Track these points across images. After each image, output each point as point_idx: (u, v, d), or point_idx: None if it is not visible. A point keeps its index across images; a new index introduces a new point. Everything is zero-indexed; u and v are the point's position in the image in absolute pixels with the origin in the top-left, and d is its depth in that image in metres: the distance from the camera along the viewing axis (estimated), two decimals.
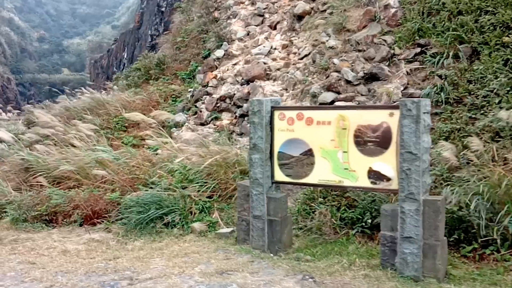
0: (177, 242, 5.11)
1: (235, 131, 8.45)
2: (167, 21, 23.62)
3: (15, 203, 5.87)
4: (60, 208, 5.65)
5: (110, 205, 5.76)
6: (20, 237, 5.17)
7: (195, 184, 6.18)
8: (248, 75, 9.17)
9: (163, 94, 10.78)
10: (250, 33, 11.10)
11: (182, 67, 12.01)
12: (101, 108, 10.63)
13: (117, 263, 4.46)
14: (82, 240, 5.11)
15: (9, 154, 7.40)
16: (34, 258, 4.63)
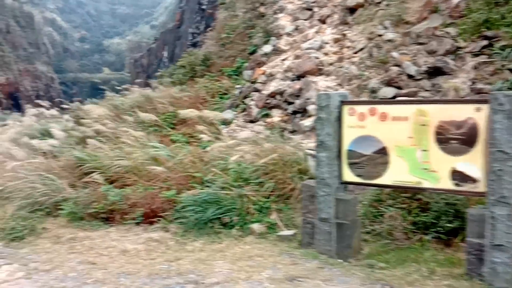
0: (237, 244, 4.85)
1: (287, 128, 8.15)
2: (208, 19, 23.56)
3: (71, 200, 5.78)
4: (117, 206, 5.51)
5: (166, 203, 5.57)
6: (78, 236, 5.05)
7: (251, 183, 5.93)
8: (299, 70, 8.84)
9: (210, 91, 10.60)
10: (298, 27, 10.76)
11: (228, 64, 11.81)
12: (149, 105, 10.57)
13: (179, 265, 4.24)
14: (140, 240, 4.93)
15: (62, 151, 7.36)
16: (94, 258, 4.49)
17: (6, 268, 4.30)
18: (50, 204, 5.87)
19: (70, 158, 6.85)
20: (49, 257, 4.57)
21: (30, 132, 10.16)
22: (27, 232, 5.26)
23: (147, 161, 6.53)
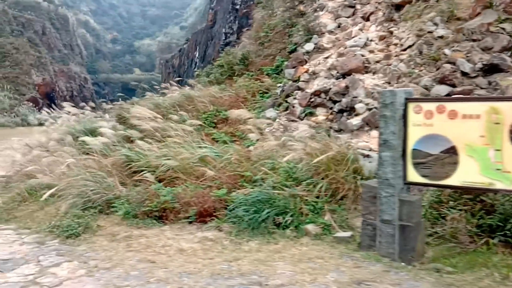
0: (294, 245, 4.74)
1: (333, 127, 7.98)
2: (241, 19, 23.58)
3: (123, 199, 5.79)
4: (169, 205, 5.48)
5: (217, 202, 5.50)
6: (134, 234, 5.04)
7: (302, 182, 5.81)
8: (344, 68, 8.65)
9: (250, 90, 10.52)
10: (341, 25, 10.58)
11: (267, 63, 11.72)
12: (189, 104, 10.58)
13: (239, 265, 4.16)
14: (195, 239, 4.88)
15: (110, 149, 7.41)
16: (152, 256, 4.46)
17: (66, 266, 4.31)
18: (102, 202, 5.88)
19: (119, 157, 6.87)
20: (108, 255, 4.56)
21: (73, 131, 10.29)
22: (82, 230, 5.29)
23: (195, 161, 6.48)
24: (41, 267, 4.30)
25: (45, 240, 5.21)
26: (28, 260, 4.55)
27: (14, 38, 42.08)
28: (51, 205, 6.47)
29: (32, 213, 6.42)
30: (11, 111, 32.69)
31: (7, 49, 39.23)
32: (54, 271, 4.20)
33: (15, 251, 4.85)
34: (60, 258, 4.52)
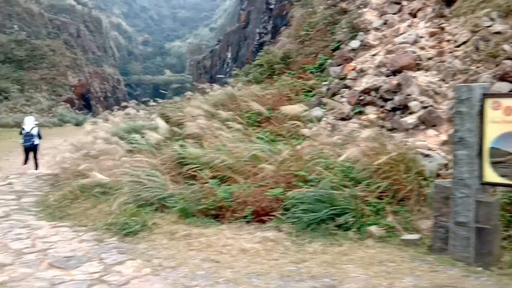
0: (359, 247, 4.55)
1: (385, 126, 7.72)
2: (276, 18, 23.47)
3: (178, 197, 5.72)
4: (225, 203, 5.38)
5: (274, 202, 5.37)
6: (193, 232, 4.95)
7: (360, 183, 5.61)
8: (394, 66, 8.39)
9: (293, 89, 10.35)
10: (387, 22, 10.29)
11: (309, 61, 11.53)
12: (232, 103, 10.51)
13: (308, 267, 4.01)
14: (255, 239, 4.75)
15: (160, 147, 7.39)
16: (215, 256, 4.35)
17: (130, 264, 4.25)
18: (156, 200, 5.83)
19: (170, 155, 6.82)
20: (170, 253, 4.48)
21: (118, 130, 10.39)
22: (139, 228, 5.24)
23: (247, 159, 6.36)
24: (105, 265, 4.26)
25: (103, 238, 5.19)
26: (91, 257, 4.52)
27: (51, 40, 43.24)
28: (104, 203, 6.48)
29: (85, 211, 6.44)
30: (48, 112, 33.54)
31: (44, 51, 40.30)
32: (118, 269, 4.14)
33: (76, 249, 4.84)
34: (122, 256, 4.47)
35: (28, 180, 10.13)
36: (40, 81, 37.17)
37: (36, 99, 34.14)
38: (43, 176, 10.62)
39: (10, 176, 10.57)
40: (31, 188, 9.06)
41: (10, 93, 34.06)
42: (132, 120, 11.36)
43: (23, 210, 7.12)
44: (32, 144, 10.95)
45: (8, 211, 6.96)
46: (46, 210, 7.06)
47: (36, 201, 7.81)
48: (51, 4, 56.95)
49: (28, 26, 44.29)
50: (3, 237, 5.40)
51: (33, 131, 11.06)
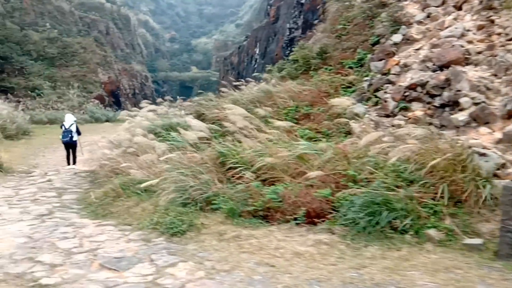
0: (419, 252, 4.31)
1: (433, 123, 7.40)
2: (307, 13, 23.14)
3: (224, 196, 5.58)
4: (274, 204, 5.20)
5: (323, 203, 5.16)
6: (242, 233, 4.80)
7: (414, 184, 5.34)
8: (441, 60, 8.03)
9: (332, 84, 10.09)
10: (431, 15, 9.88)
11: (347, 56, 11.22)
12: (268, 100, 10.32)
13: (369, 273, 3.80)
14: (308, 242, 4.56)
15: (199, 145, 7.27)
16: (269, 259, 4.19)
17: (183, 266, 4.13)
18: (202, 199, 5.69)
19: (210, 153, 6.69)
20: (221, 255, 4.34)
21: (154, 127, 10.33)
22: (186, 228, 5.12)
23: (293, 158, 6.17)
24: (157, 267, 4.15)
25: (150, 238, 5.09)
26: (141, 258, 4.42)
27: (82, 37, 43.91)
28: (147, 201, 6.40)
29: (128, 209, 6.38)
30: (79, 108, 34.07)
31: (75, 49, 40.97)
32: (171, 271, 4.02)
33: (124, 249, 4.75)
34: (173, 258, 4.36)
35: (66, 177, 10.20)
36: (71, 78, 37.80)
37: (67, 96, 34.71)
38: (81, 172, 10.69)
39: (49, 172, 10.67)
40: (70, 185, 9.11)
41: (43, 90, 34.76)
42: (166, 117, 11.30)
43: (65, 207, 7.13)
44: (71, 140, 11.37)
45: (51, 208, 6.97)
46: (88, 207, 7.05)
47: (77, 199, 7.82)
48: (81, 2, 57.87)
49: (59, 24, 45.11)
50: (49, 235, 5.38)
51: (72, 128, 11.50)
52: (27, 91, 34.05)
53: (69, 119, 11.72)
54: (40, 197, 7.77)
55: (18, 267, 4.27)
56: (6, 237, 5.35)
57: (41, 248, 4.88)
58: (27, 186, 8.75)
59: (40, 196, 7.90)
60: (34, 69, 36.54)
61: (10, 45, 36.03)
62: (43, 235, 5.38)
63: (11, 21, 38.96)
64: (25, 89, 34.33)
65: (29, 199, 7.65)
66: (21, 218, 6.33)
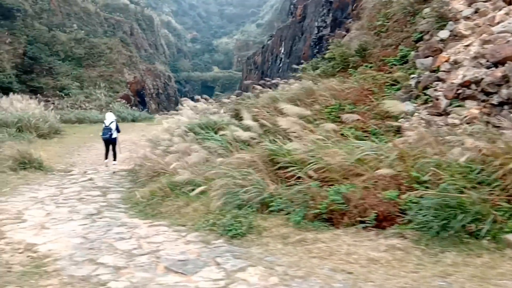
0: (502, 259, 4.03)
1: (491, 122, 7.06)
2: (335, 11, 22.80)
3: (281, 198, 5.37)
4: (338, 207, 4.96)
5: (390, 205, 4.90)
6: (308, 237, 4.59)
7: (484, 185, 5.05)
8: (495, 57, 7.66)
9: (376, 82, 9.80)
10: (479, 10, 9.50)
11: (389, 53, 10.90)
12: (309, 98, 10.09)
13: (457, 282, 3.55)
14: (380, 247, 4.32)
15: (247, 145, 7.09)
16: (343, 265, 3.97)
17: (253, 271, 3.94)
18: (258, 200, 5.50)
19: (261, 152, 6.49)
20: (291, 260, 4.14)
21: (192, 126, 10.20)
22: (246, 230, 4.93)
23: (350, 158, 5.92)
24: (225, 271, 3.97)
25: (209, 239, 4.93)
26: (206, 261, 4.24)
27: (108, 38, 44.34)
28: (197, 201, 6.24)
29: (179, 209, 6.24)
30: (106, 108, 34.36)
31: (101, 49, 41.37)
32: (242, 276, 3.84)
33: (185, 251, 4.59)
34: (240, 262, 4.17)
35: (106, 175, 10.16)
36: (98, 78, 38.17)
37: (95, 96, 35.05)
38: (119, 171, 10.65)
39: (88, 171, 10.66)
40: (112, 184, 9.04)
41: (71, 90, 35.18)
42: (206, 115, 11.16)
43: (112, 206, 7.04)
44: (110, 137, 11.63)
45: (98, 207, 6.89)
46: (136, 207, 6.94)
47: (122, 198, 7.74)
48: (106, 4, 58.51)
49: (85, 25, 45.64)
50: (105, 236, 5.26)
51: (112, 125, 11.72)
52: (56, 91, 34.50)
53: (109, 117, 11.99)
54: (85, 196, 7.71)
55: (81, 270, 4.14)
56: (61, 238, 5.26)
57: (99, 249, 4.76)
58: (70, 185, 8.71)
59: (85, 195, 7.84)
60: (62, 69, 37.02)
61: (39, 45, 36.59)
62: (98, 236, 5.27)
63: (39, 22, 39.58)
64: (53, 89, 34.79)
65: (75, 198, 7.59)
66: (71, 217, 6.25)
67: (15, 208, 6.77)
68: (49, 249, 4.83)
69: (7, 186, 8.38)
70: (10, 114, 17.97)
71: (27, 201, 7.26)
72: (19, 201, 7.24)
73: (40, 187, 8.50)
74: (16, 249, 4.90)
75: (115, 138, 11.77)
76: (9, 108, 19.28)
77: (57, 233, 5.45)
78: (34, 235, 5.39)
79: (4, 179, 8.93)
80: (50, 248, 4.86)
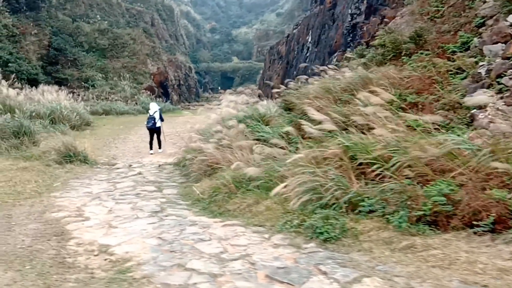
0: None
1: None
2: None
3: (371, 197, 4.89)
4: (444, 208, 4.46)
5: (501, 206, 4.39)
6: (416, 243, 4.11)
7: None
8: None
9: (440, 70, 9.19)
10: None
11: (448, 39, 10.26)
12: (365, 87, 9.54)
13: None
14: (502, 254, 3.82)
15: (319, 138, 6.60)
16: (471, 276, 3.49)
17: (370, 283, 3.48)
18: (345, 200, 5.02)
19: (338, 147, 6.00)
20: (408, 270, 3.67)
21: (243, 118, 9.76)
22: (339, 233, 4.48)
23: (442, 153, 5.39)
24: (338, 283, 3.52)
25: (298, 243, 4.49)
26: (309, 270, 3.80)
27: (131, 29, 44.11)
28: (268, 199, 5.80)
29: (249, 208, 5.81)
30: (132, 99, 34.21)
31: (125, 40, 41.14)
32: None
33: (278, 256, 4.16)
34: (350, 271, 3.71)
35: (153, 169, 9.82)
36: (122, 69, 37.98)
37: (120, 87, 34.89)
38: (164, 164, 10.30)
39: (133, 165, 10.33)
40: (162, 178, 8.70)
41: (96, 81, 35.08)
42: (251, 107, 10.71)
43: (172, 203, 6.67)
44: (154, 126, 12.12)
45: (159, 204, 6.53)
46: (197, 204, 6.56)
47: (179, 193, 7.37)
48: None
49: (107, 15, 45.46)
50: (181, 236, 4.87)
51: (156, 115, 12.17)
52: (80, 82, 34.43)
53: (153, 107, 12.39)
54: (141, 192, 7.36)
55: (173, 277, 3.75)
56: (134, 238, 4.89)
57: (182, 252, 4.37)
58: (121, 180, 8.38)
59: (140, 190, 7.49)
60: (87, 60, 36.91)
61: (64, 36, 36.50)
62: (174, 236, 4.88)
63: (63, 13, 39.50)
64: (78, 80, 34.71)
65: (131, 193, 7.25)
66: (136, 215, 5.89)
67: (73, 204, 6.46)
68: (126, 251, 4.46)
69: (57, 180, 8.08)
70: (42, 106, 17.79)
71: (82, 197, 6.94)
72: (75, 197, 6.93)
73: (91, 181, 8.19)
74: (90, 251, 4.54)
75: (159, 127, 12.14)
76: (41, 99, 19.09)
77: (128, 233, 5.09)
78: (104, 235, 5.03)
79: (52, 172, 8.64)
80: (127, 250, 4.49)
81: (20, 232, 5.10)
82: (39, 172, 8.51)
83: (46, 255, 4.39)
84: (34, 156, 10.05)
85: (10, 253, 4.40)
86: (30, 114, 16.00)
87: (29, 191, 7.14)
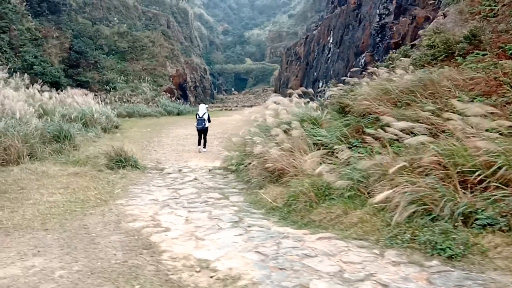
0: None
1: None
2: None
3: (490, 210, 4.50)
4: None
5: None
6: None
7: None
8: None
9: (505, 72, 8.77)
10: None
11: (507, 39, 9.85)
12: (426, 90, 9.15)
13: None
14: None
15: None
16: None
17: None
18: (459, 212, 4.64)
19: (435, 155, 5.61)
20: None
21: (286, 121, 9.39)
22: (463, 249, 4.11)
23: None
24: None
25: (419, 260, 4.12)
26: None
27: (150, 31, 44.02)
28: (357, 209, 5.44)
29: (338, 219, 5.45)
30: (152, 101, 34.05)
31: (144, 43, 41.04)
32: None
33: (406, 276, 3.80)
34: None
35: (204, 173, 9.50)
36: (142, 72, 37.86)
37: (140, 89, 34.74)
38: (213, 169, 9.98)
39: (182, 169, 10.02)
40: (220, 184, 8.37)
41: (116, 83, 34.98)
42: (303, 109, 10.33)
43: (246, 212, 6.32)
44: (204, 127, 12.92)
45: (234, 213, 6.18)
46: (273, 213, 6.21)
47: (246, 201, 7.03)
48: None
49: (125, 18, 45.44)
50: (282, 251, 4.51)
51: (205, 116, 12.94)
52: (102, 85, 34.37)
53: (202, 109, 13.15)
54: (208, 199, 7.03)
55: None
56: (230, 252, 4.55)
57: (294, 270, 4.02)
58: (180, 186, 8.06)
59: (206, 197, 7.16)
60: (107, 63, 36.85)
61: (84, 39, 36.47)
62: (273, 251, 4.53)
63: (83, 17, 39.51)
64: (99, 83, 34.65)
65: (198, 201, 6.92)
66: (217, 225, 5.55)
67: (144, 213, 6.14)
68: (229, 268, 4.12)
69: (116, 186, 7.79)
70: (74, 109, 17.60)
71: (150, 205, 6.62)
72: (142, 205, 6.62)
73: (150, 187, 7.88)
74: (189, 266, 4.22)
75: (207, 128, 12.99)
76: (72, 103, 18.91)
77: (220, 246, 4.75)
78: (195, 248, 4.70)
79: (107, 178, 8.35)
80: (230, 267, 4.15)
81: (107, 245, 4.78)
82: (93, 178, 8.23)
83: (147, 271, 4.07)
84: (81, 161, 9.80)
85: (109, 269, 4.08)
86: (63, 118, 15.81)
87: (93, 198, 6.85)
